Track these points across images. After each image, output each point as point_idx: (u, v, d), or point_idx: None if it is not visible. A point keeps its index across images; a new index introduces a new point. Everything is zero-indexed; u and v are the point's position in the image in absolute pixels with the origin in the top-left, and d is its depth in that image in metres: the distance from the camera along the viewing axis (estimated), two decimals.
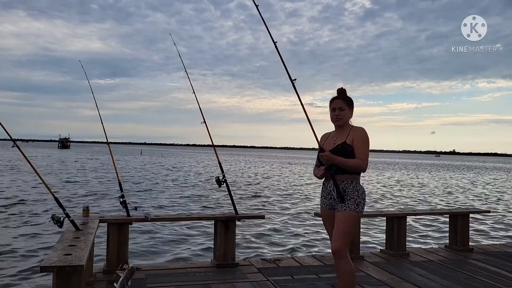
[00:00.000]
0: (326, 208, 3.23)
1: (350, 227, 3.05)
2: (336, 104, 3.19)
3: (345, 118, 3.20)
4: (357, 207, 3.04)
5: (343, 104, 3.18)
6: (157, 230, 9.18)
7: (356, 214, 3.05)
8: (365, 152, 3.07)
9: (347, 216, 3.03)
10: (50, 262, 2.53)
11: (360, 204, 3.07)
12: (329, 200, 3.18)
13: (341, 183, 3.08)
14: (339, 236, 3.02)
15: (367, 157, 3.09)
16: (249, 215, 5.85)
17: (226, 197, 5.50)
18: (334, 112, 3.20)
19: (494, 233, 10.49)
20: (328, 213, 3.21)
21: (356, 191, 3.07)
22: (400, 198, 18.19)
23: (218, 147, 5.60)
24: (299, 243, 8.69)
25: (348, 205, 3.04)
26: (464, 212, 5.94)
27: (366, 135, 3.13)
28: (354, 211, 3.03)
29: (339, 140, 3.15)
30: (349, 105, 3.21)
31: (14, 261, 6.82)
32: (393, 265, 4.91)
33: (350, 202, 3.04)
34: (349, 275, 3.04)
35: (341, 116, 3.18)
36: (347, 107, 3.19)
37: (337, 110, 3.18)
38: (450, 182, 30.33)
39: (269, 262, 4.92)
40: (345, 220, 3.02)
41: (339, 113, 3.18)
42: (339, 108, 3.18)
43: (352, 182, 3.09)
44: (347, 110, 3.19)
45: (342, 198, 3.04)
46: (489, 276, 4.55)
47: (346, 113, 3.19)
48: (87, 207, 4.06)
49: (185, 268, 4.61)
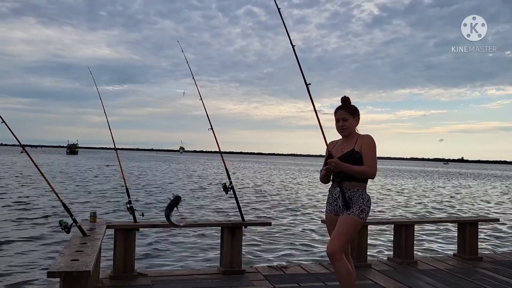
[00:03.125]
0: (331, 214, 3.24)
1: (349, 231, 3.03)
2: (339, 115, 3.20)
3: (350, 128, 3.19)
4: (361, 214, 3.04)
5: (346, 114, 3.18)
6: (163, 237, 9.18)
7: (359, 220, 3.03)
8: (373, 159, 3.07)
9: (348, 220, 3.02)
10: (57, 267, 2.54)
11: (364, 211, 3.05)
12: (334, 207, 3.19)
13: (347, 191, 3.09)
14: (336, 237, 3.00)
15: (375, 164, 3.08)
16: (255, 222, 5.84)
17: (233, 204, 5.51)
18: (339, 123, 3.20)
19: (504, 242, 10.36)
20: (332, 219, 3.21)
21: (361, 198, 3.07)
22: (407, 205, 18.04)
23: (225, 154, 5.61)
24: (306, 251, 8.65)
25: (352, 211, 3.03)
26: (473, 220, 5.88)
27: (373, 142, 3.12)
28: (358, 216, 3.02)
29: (347, 148, 3.14)
30: (353, 114, 3.20)
31: (21, 266, 6.85)
32: (400, 274, 4.86)
33: (354, 208, 3.04)
34: (345, 278, 2.99)
35: (346, 126, 3.18)
36: (350, 117, 3.18)
37: (341, 121, 3.19)
38: (461, 189, 30.06)
39: (276, 270, 4.90)
40: (346, 223, 3.01)
41: (343, 124, 3.18)
42: (343, 118, 3.18)
43: (358, 190, 3.09)
44: (351, 120, 3.18)
45: (348, 206, 3.04)
46: (498, 285, 4.49)
47: (351, 122, 3.18)
48: (95, 213, 4.08)
49: (192, 275, 4.60)
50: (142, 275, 4.41)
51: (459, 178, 51.74)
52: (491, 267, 5.29)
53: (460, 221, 5.99)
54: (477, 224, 5.83)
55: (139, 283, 4.18)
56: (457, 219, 6.38)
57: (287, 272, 4.82)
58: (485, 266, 5.33)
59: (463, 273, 4.98)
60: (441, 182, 40.16)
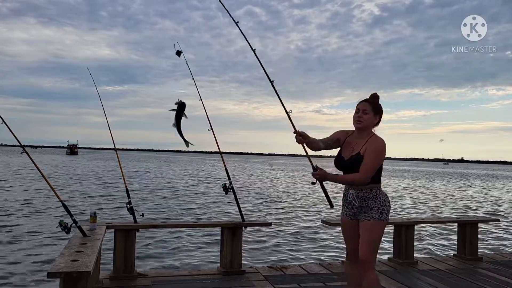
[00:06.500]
0: (347, 218, 3.15)
1: (374, 236, 2.97)
2: (361, 106, 3.09)
3: (367, 123, 3.07)
4: (381, 215, 2.97)
5: (368, 108, 3.06)
6: (164, 237, 9.18)
7: (381, 222, 2.97)
8: (369, 166, 2.95)
9: (370, 226, 2.96)
10: (57, 268, 2.54)
11: (384, 212, 2.98)
12: (350, 210, 3.10)
13: (360, 191, 3.01)
14: (363, 246, 2.97)
15: (369, 171, 2.94)
16: (256, 222, 5.83)
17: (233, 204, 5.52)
18: (357, 114, 3.08)
19: (505, 242, 10.36)
20: (348, 223, 3.14)
21: (377, 198, 2.99)
22: (408, 206, 18.04)
23: (225, 154, 5.61)
24: (306, 251, 8.65)
25: (371, 215, 2.97)
26: (473, 221, 5.89)
27: (380, 149, 3.00)
28: (379, 219, 2.96)
29: (356, 148, 3.06)
30: (375, 111, 3.09)
31: (21, 266, 6.84)
32: (401, 274, 4.86)
33: (373, 211, 2.97)
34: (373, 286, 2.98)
35: (363, 119, 3.05)
36: (372, 112, 3.06)
37: (360, 112, 3.07)
38: (459, 190, 30.05)
39: (276, 270, 4.90)
40: (369, 230, 2.96)
41: (361, 116, 3.06)
42: (363, 110, 3.06)
43: (372, 190, 3.00)
44: (371, 115, 3.06)
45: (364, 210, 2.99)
46: (499, 285, 4.49)
47: (370, 118, 3.06)
48: (95, 214, 4.08)
49: (192, 275, 4.60)
50: (142, 275, 4.41)
51: (462, 178, 51.74)
52: (491, 267, 5.29)
53: (460, 221, 5.99)
54: (477, 224, 5.83)
55: (139, 284, 4.18)
56: (457, 220, 6.38)
57: (287, 272, 4.82)
58: (485, 266, 5.33)
59: (464, 273, 4.98)
60: (441, 182, 40.16)
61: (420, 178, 47.92)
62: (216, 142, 5.04)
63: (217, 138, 5.03)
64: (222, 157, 5.19)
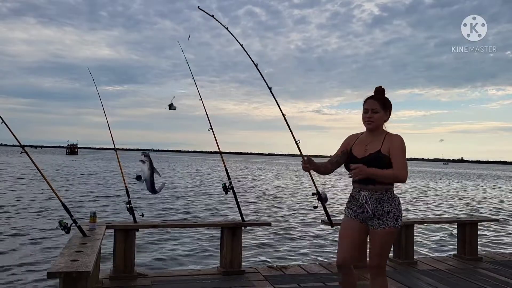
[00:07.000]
0: (353, 219, 2.92)
1: (389, 244, 2.89)
2: (370, 105, 2.89)
3: (378, 122, 2.89)
4: (396, 223, 2.82)
5: (377, 106, 2.87)
6: (163, 237, 9.18)
7: (395, 230, 2.84)
8: (403, 162, 2.80)
9: (384, 234, 2.82)
10: (57, 268, 2.54)
11: (399, 218, 2.84)
12: (361, 214, 2.88)
13: (374, 193, 2.83)
14: (377, 254, 2.86)
15: (405, 167, 2.80)
16: (256, 222, 5.83)
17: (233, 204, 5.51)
18: (367, 114, 2.89)
19: (505, 242, 10.36)
20: (353, 224, 2.92)
21: (392, 201, 2.84)
22: (408, 206, 18.04)
23: (225, 154, 5.60)
24: (306, 251, 8.65)
25: (387, 222, 2.80)
26: (473, 221, 5.88)
27: (404, 144, 2.85)
28: (394, 227, 2.81)
29: (371, 146, 2.86)
30: (385, 108, 2.90)
31: (21, 266, 6.84)
32: (400, 274, 4.86)
33: (389, 218, 2.81)
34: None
35: (374, 119, 2.87)
36: (381, 110, 2.88)
37: (370, 112, 2.88)
38: (459, 189, 30.06)
39: (276, 270, 4.90)
40: (384, 237, 2.83)
41: (371, 116, 2.87)
42: (372, 109, 2.87)
43: (387, 192, 2.84)
44: (382, 113, 2.88)
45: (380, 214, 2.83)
46: (498, 285, 4.49)
47: (380, 116, 2.88)
48: (94, 214, 4.08)
49: (191, 275, 4.60)
50: (142, 275, 4.41)
51: (462, 178, 51.74)
52: (491, 267, 5.28)
53: (460, 221, 5.99)
54: (477, 224, 5.83)
55: (139, 284, 4.18)
56: (457, 220, 6.37)
57: (287, 272, 4.82)
58: (485, 266, 5.33)
59: (463, 273, 4.97)
60: (442, 182, 40.14)
61: (420, 178, 47.90)
62: (216, 142, 5.04)
63: (217, 138, 5.03)
64: (222, 157, 5.19)
